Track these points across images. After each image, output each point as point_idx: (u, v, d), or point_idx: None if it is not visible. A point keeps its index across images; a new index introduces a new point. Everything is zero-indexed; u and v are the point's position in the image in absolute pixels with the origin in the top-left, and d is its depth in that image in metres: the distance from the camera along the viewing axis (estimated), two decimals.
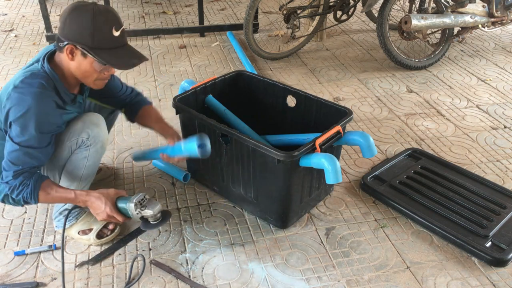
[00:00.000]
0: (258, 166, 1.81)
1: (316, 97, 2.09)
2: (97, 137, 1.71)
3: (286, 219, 1.91)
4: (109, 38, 1.50)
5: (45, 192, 1.59)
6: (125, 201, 1.63)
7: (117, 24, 1.51)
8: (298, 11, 3.32)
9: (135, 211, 1.61)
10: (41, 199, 1.59)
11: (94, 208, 1.62)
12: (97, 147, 1.72)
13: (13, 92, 1.48)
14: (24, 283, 1.67)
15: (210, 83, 2.22)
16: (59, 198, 1.64)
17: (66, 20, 1.48)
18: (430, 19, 3.09)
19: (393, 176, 2.19)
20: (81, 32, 1.47)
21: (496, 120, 2.75)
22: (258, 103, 2.34)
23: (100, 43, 1.49)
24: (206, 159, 2.01)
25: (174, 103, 2.00)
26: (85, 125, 1.68)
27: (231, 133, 1.81)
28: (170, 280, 1.70)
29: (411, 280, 1.71)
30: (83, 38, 1.48)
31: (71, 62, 1.54)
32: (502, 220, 1.92)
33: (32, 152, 1.52)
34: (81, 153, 1.71)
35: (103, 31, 1.48)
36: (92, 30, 1.46)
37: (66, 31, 1.49)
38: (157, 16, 4.41)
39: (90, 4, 1.49)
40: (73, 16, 1.47)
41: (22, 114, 1.47)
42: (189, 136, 1.77)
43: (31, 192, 1.55)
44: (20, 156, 1.52)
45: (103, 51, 1.50)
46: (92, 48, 1.49)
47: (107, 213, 1.61)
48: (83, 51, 1.50)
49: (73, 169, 1.73)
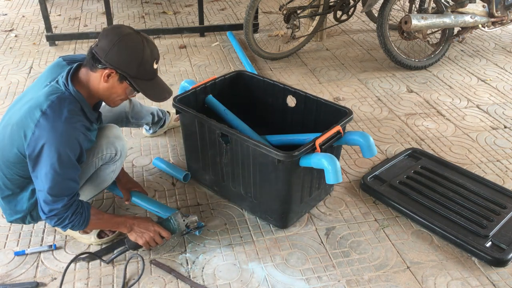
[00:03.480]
0: (258, 166, 1.81)
1: (316, 97, 2.09)
2: (123, 150, 1.78)
3: (286, 219, 1.91)
4: (150, 70, 1.56)
5: (95, 217, 1.64)
6: (167, 220, 1.78)
7: (158, 57, 1.58)
8: (298, 11, 3.32)
9: (181, 219, 1.77)
10: (91, 225, 1.64)
11: (142, 227, 1.72)
12: (122, 159, 1.80)
13: (42, 119, 1.45)
14: (24, 283, 1.67)
15: (210, 83, 2.22)
16: (109, 223, 1.72)
17: (114, 46, 1.47)
18: (430, 19, 3.09)
19: (393, 176, 2.19)
20: (129, 61, 1.49)
21: (496, 120, 2.75)
22: (258, 103, 2.34)
23: (142, 74, 1.54)
24: (206, 158, 2.02)
25: (174, 103, 2.00)
26: (109, 140, 1.71)
27: (231, 133, 1.81)
28: (170, 280, 1.70)
29: (411, 280, 1.71)
30: (128, 68, 1.50)
31: (103, 83, 1.53)
32: (502, 220, 1.92)
33: (71, 178, 1.52)
34: (109, 168, 1.77)
35: (148, 63, 1.54)
36: (140, 62, 1.51)
37: (112, 56, 1.48)
38: (157, 16, 4.41)
39: (137, 33, 1.53)
40: (124, 44, 1.48)
41: (56, 147, 1.44)
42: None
43: (84, 220, 1.59)
44: (63, 186, 1.50)
45: (141, 81, 1.55)
46: (133, 77, 1.52)
47: (155, 229, 1.72)
48: (123, 78, 1.52)
49: (99, 182, 1.78)
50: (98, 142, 1.68)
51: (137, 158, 2.37)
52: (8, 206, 1.70)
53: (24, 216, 1.71)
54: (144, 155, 2.40)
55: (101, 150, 1.69)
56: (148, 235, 1.70)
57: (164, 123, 2.50)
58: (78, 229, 1.63)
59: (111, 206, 2.06)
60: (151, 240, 1.72)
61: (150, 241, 1.71)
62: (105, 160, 1.73)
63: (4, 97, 2.95)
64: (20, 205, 1.68)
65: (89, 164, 1.68)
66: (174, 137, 2.54)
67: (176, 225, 1.76)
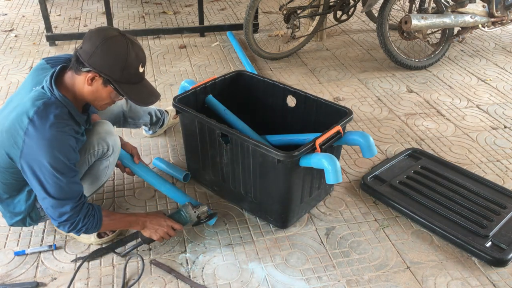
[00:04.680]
0: (258, 166, 1.81)
1: (316, 97, 2.09)
2: (115, 145, 1.75)
3: (286, 219, 1.91)
4: (135, 74, 1.52)
5: (108, 218, 1.64)
6: (177, 211, 1.81)
7: (144, 60, 1.54)
8: (298, 11, 3.32)
9: (192, 210, 1.79)
10: (104, 226, 1.63)
11: (155, 223, 1.72)
12: (115, 155, 1.77)
13: (30, 127, 1.43)
14: (24, 283, 1.67)
15: (210, 83, 2.22)
16: (122, 223, 1.73)
17: (97, 49, 1.44)
18: (430, 19, 3.09)
19: (393, 176, 2.19)
20: (112, 65, 1.46)
21: (496, 120, 2.75)
22: (258, 103, 2.34)
23: (126, 78, 1.50)
24: (206, 158, 2.02)
25: (174, 103, 2.01)
26: (100, 136, 1.69)
27: (231, 133, 1.81)
28: (170, 280, 1.70)
29: (411, 280, 1.71)
30: (112, 71, 1.47)
31: (87, 87, 1.51)
32: (502, 220, 1.92)
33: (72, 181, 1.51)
34: (102, 164, 1.76)
35: (133, 67, 1.50)
36: (124, 66, 1.47)
37: (96, 59, 1.45)
38: (157, 16, 4.41)
39: (122, 36, 1.48)
40: (107, 48, 1.44)
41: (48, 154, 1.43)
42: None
43: (97, 222, 1.59)
44: (66, 190, 1.49)
45: (126, 85, 1.51)
46: (117, 81, 1.49)
47: (167, 224, 1.73)
48: (108, 81, 1.49)
49: (94, 180, 1.77)
50: (89, 138, 1.66)
51: None
52: (7, 209, 1.70)
53: (24, 218, 1.71)
54: (144, 155, 2.40)
55: (92, 146, 1.67)
56: (162, 230, 1.73)
57: (163, 123, 2.49)
58: (93, 232, 1.63)
59: (111, 206, 2.06)
60: (165, 235, 1.74)
61: (164, 235, 1.74)
62: (98, 156, 1.71)
63: (4, 97, 2.95)
64: (18, 208, 1.68)
65: (81, 162, 1.66)
66: (174, 137, 2.54)
67: (188, 216, 1.79)
